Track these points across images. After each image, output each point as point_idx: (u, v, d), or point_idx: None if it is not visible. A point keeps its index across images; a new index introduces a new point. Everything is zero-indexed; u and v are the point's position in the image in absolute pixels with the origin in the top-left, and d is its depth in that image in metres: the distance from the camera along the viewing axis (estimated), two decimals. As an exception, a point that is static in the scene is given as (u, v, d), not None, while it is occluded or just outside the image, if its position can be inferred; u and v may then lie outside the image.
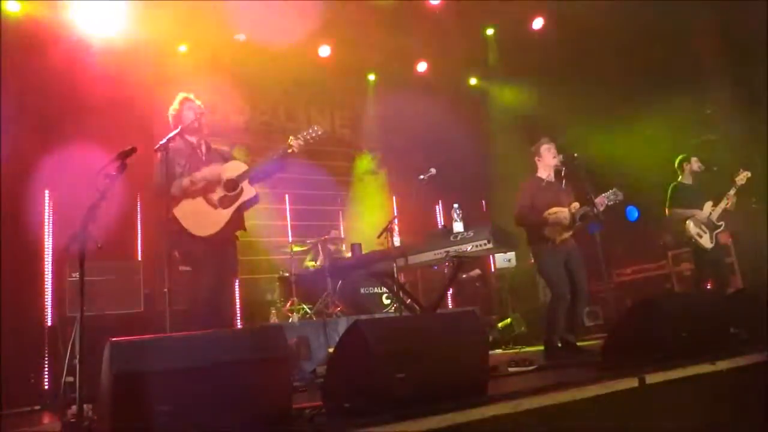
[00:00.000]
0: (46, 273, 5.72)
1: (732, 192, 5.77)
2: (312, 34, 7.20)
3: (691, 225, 5.82)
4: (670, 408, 2.89)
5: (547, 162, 4.93)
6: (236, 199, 3.72)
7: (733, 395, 3.09)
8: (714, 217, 5.82)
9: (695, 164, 6.07)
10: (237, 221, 3.81)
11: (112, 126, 5.69)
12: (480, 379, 2.75)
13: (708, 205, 5.87)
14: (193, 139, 3.90)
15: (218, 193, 3.72)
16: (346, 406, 2.41)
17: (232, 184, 3.75)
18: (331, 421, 2.42)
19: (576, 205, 4.72)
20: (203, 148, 3.93)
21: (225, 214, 3.69)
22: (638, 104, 7.63)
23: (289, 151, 3.85)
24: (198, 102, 3.95)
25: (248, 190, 3.76)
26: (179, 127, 3.76)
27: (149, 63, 6.39)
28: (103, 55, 6.19)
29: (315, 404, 2.79)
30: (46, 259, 5.77)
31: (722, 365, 3.09)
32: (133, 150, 2.76)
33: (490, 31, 8.43)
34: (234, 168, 3.79)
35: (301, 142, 3.86)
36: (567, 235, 4.76)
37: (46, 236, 5.86)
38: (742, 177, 5.75)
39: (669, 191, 6.10)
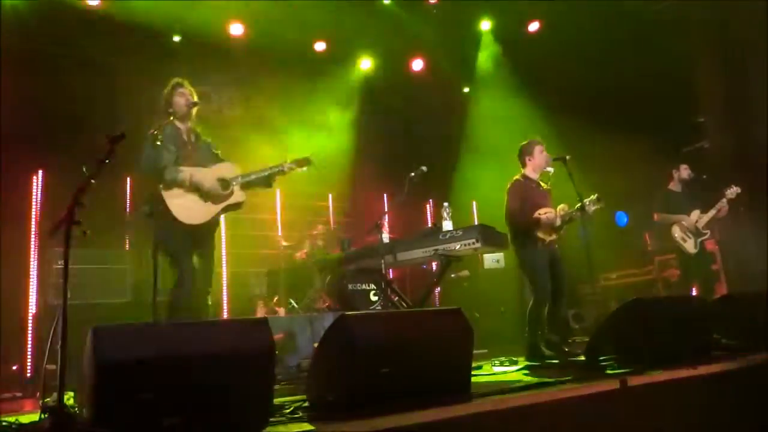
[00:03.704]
0: (31, 259, 5.68)
1: (719, 206, 5.86)
2: (308, 29, 7.20)
3: (676, 230, 5.90)
4: (651, 410, 2.92)
5: (539, 163, 4.94)
6: (226, 199, 3.86)
7: (712, 400, 3.12)
8: (700, 224, 5.89)
9: (684, 172, 6.14)
10: (218, 218, 3.95)
11: (103, 113, 5.67)
12: (464, 376, 2.76)
13: (695, 213, 5.94)
14: (182, 126, 3.92)
15: (210, 190, 3.79)
16: (329, 400, 2.42)
17: (225, 184, 3.87)
18: (314, 414, 2.42)
19: (564, 207, 4.76)
20: (192, 136, 3.95)
21: (213, 210, 3.82)
22: (630, 110, 7.67)
23: (281, 172, 4.03)
24: (191, 89, 3.97)
25: (238, 194, 3.91)
26: (170, 116, 3.78)
27: (143, 50, 6.35)
28: (97, 41, 6.15)
29: (298, 398, 2.80)
30: (32, 245, 5.73)
31: (703, 370, 3.13)
32: (122, 136, 2.72)
33: (485, 26, 8.44)
34: (227, 169, 3.93)
35: (294, 168, 4.06)
36: (555, 236, 4.79)
37: (33, 221, 5.81)
38: (732, 192, 5.84)
39: (657, 197, 6.16)
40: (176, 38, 6.90)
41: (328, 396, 2.45)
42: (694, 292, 6.03)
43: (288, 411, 2.46)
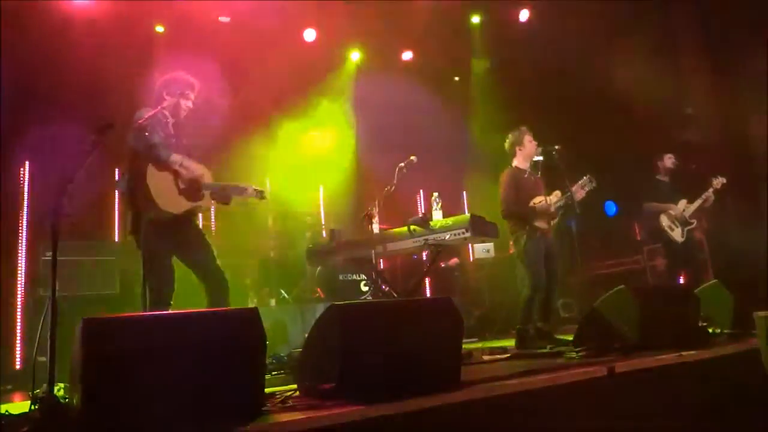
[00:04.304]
0: (20, 251, 5.63)
1: (705, 195, 5.94)
2: (298, 18, 7.16)
3: (663, 218, 5.97)
4: (638, 397, 2.96)
5: (529, 152, 4.94)
6: (197, 199, 3.85)
7: (698, 386, 3.17)
8: (687, 214, 5.96)
9: (668, 161, 6.20)
10: (192, 214, 3.96)
11: (92, 102, 5.61)
12: (453, 365, 2.78)
13: (682, 203, 6.01)
14: (170, 119, 3.91)
15: (191, 182, 3.80)
16: (319, 388, 2.43)
17: (204, 185, 3.88)
18: (304, 403, 2.43)
19: (558, 193, 4.78)
20: (177, 132, 3.96)
21: (184, 205, 3.80)
22: (618, 101, 7.70)
23: (244, 192, 4.04)
24: (192, 95, 3.97)
25: (207, 199, 3.93)
26: (160, 107, 3.76)
27: (132, 39, 6.28)
28: (85, 30, 6.08)
29: (288, 387, 2.81)
30: (20, 237, 5.67)
31: (689, 357, 3.17)
32: (110, 125, 2.70)
33: (475, 20, 8.44)
34: (202, 170, 3.91)
35: (254, 196, 4.11)
36: (552, 224, 4.82)
37: (21, 213, 5.75)
38: (718, 183, 5.94)
39: (645, 187, 6.23)
40: (159, 29, 6.84)
41: (319, 385, 2.46)
42: (682, 281, 6.10)
43: (279, 400, 2.47)
